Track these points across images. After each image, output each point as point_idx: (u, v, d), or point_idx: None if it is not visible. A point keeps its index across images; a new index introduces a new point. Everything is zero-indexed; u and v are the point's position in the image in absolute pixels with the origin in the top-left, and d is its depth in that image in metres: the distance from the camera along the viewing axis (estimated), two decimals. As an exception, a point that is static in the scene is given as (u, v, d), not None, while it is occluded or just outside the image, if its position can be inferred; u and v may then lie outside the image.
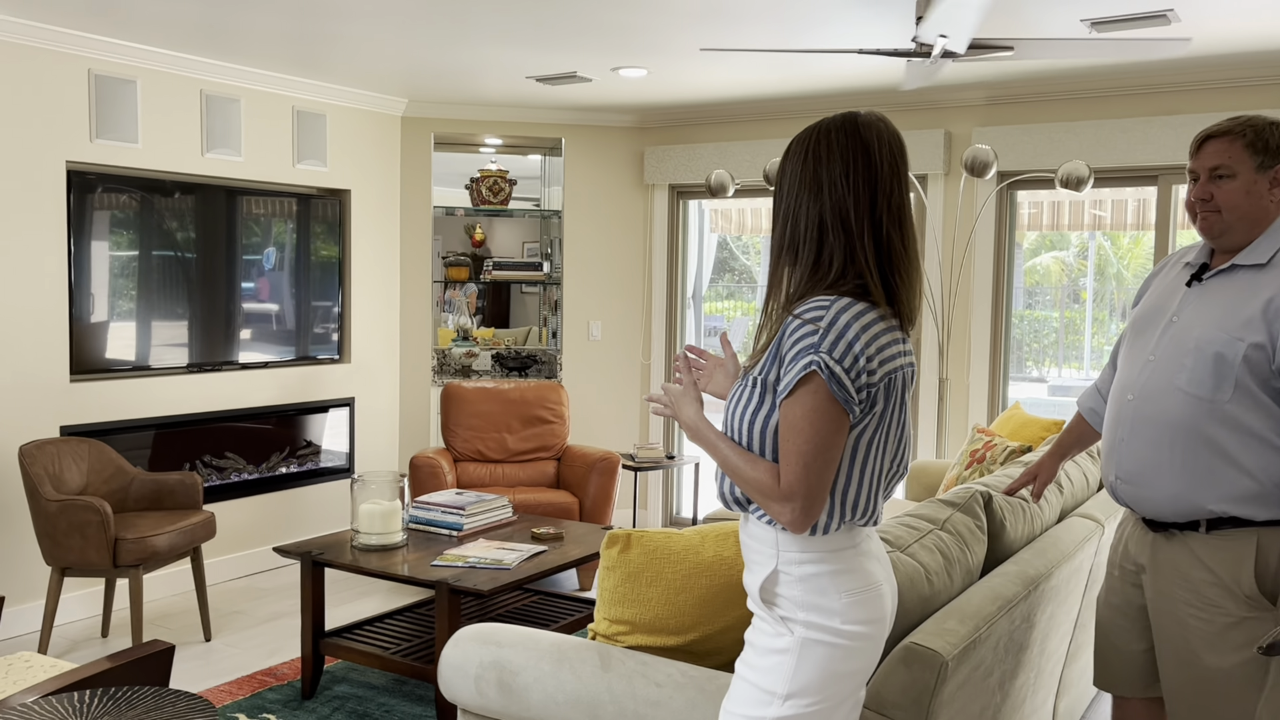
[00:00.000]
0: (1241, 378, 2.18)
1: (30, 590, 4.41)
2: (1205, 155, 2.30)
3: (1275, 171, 2.25)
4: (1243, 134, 2.26)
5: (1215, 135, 2.29)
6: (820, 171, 1.70)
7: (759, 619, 1.76)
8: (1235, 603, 2.20)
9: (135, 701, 2.16)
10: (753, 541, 1.76)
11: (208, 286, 5.10)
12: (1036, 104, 5.20)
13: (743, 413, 1.70)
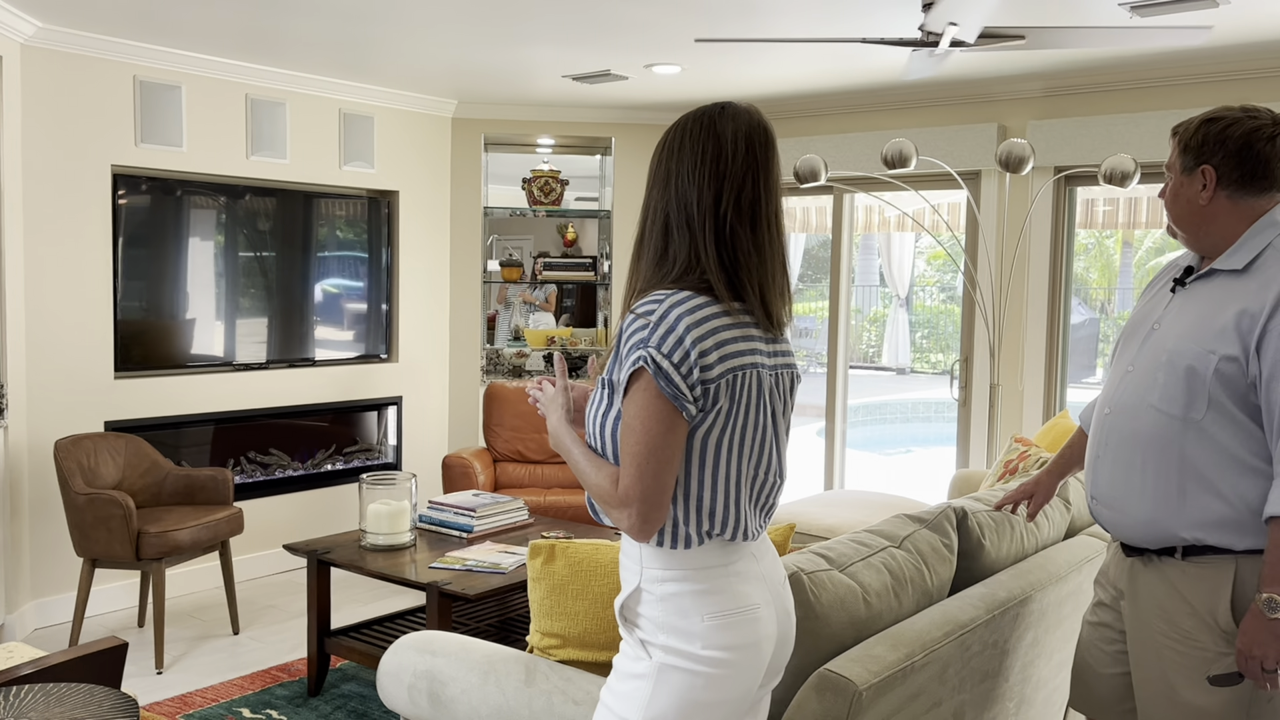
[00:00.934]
0: (1214, 393, 1.99)
1: (68, 581, 4.58)
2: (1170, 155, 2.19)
3: (1200, 172, 2.08)
4: (1177, 131, 2.14)
5: (1172, 133, 2.17)
6: (671, 165, 1.62)
7: (623, 641, 1.67)
8: (1212, 637, 2.02)
9: (65, 698, 2.19)
10: (624, 558, 1.68)
11: (252, 286, 5.22)
12: (1096, 95, 4.91)
13: (594, 416, 1.63)
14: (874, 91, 5.42)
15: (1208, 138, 2.07)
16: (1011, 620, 2.37)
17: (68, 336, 4.56)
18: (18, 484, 4.36)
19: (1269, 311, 1.96)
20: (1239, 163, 2.06)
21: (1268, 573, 1.93)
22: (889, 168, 4.20)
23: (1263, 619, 1.92)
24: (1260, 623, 1.93)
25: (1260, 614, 1.93)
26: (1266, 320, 1.96)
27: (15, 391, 4.33)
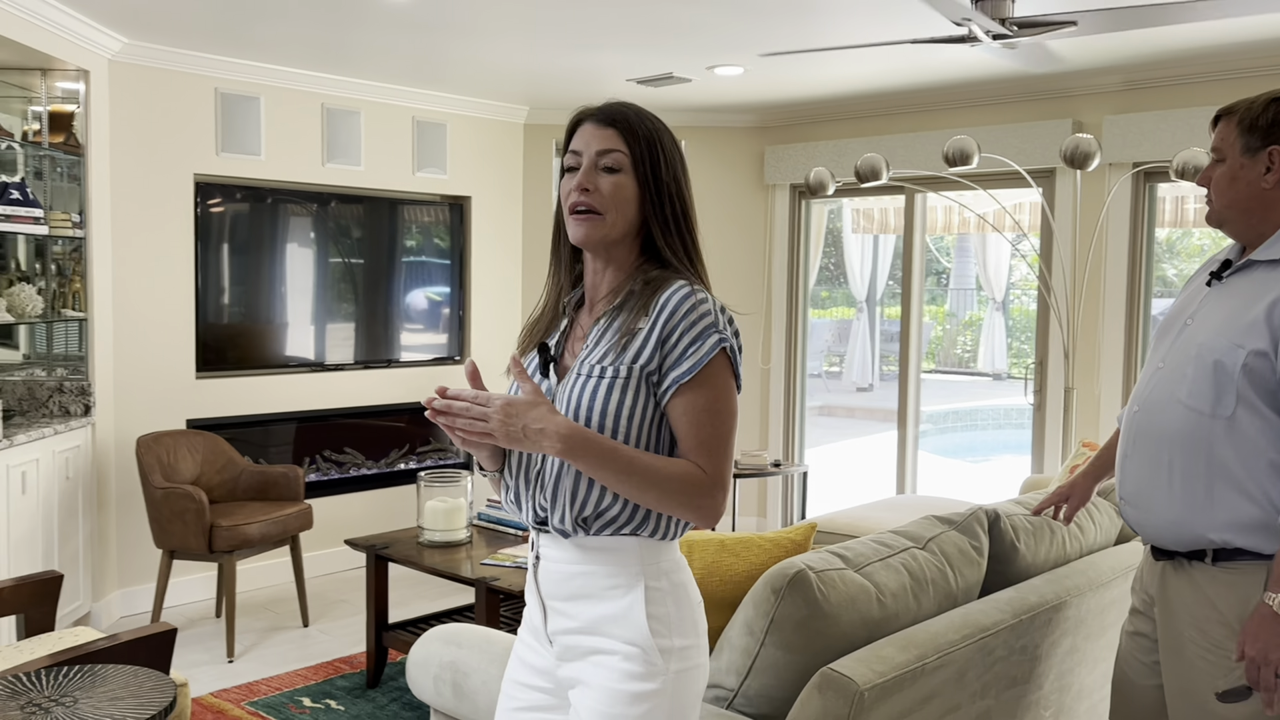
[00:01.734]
0: (1243, 389, 1.92)
1: (151, 571, 4.78)
2: (1215, 135, 2.08)
3: (1266, 155, 1.98)
4: (1236, 112, 2.02)
5: (1222, 114, 2.06)
6: (679, 160, 1.64)
7: (619, 662, 1.53)
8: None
9: (109, 678, 2.30)
10: (602, 566, 1.56)
11: (331, 290, 5.38)
12: (1177, 88, 4.74)
13: (615, 408, 1.54)
14: (944, 89, 5.32)
15: (1276, 117, 1.97)
16: (1043, 626, 2.31)
17: (152, 338, 4.77)
18: (105, 478, 4.58)
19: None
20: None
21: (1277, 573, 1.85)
22: (950, 166, 4.12)
23: (1273, 619, 1.83)
24: (1272, 626, 1.83)
25: (1272, 616, 1.83)
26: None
27: (102, 390, 4.55)
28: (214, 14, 4.08)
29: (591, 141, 1.61)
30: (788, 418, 6.23)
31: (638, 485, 1.50)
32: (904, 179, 5.39)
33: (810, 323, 14.09)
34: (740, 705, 2.04)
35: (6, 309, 4.21)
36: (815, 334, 13.74)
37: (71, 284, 4.59)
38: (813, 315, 13.85)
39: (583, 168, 1.60)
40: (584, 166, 1.60)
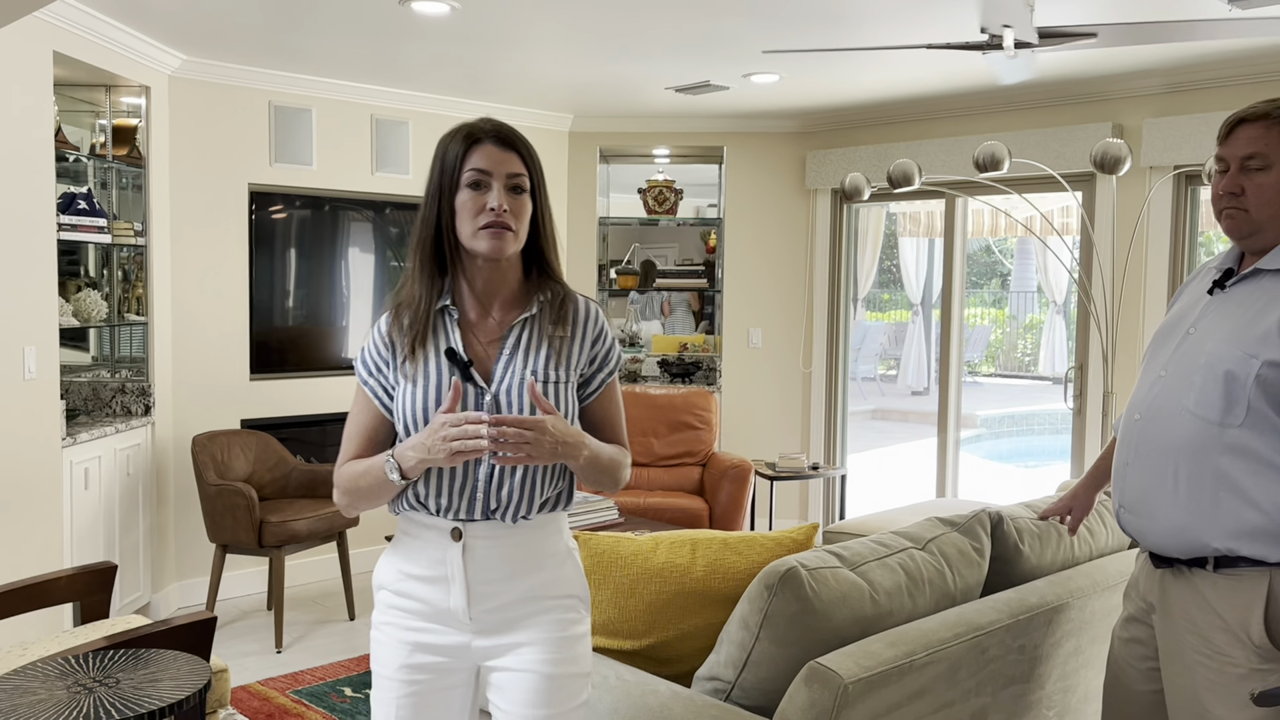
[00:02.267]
0: (1254, 400, 1.93)
1: (208, 565, 4.98)
2: (1237, 141, 2.02)
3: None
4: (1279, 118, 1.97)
5: (1250, 119, 2.01)
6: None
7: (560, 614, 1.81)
8: (1245, 652, 1.96)
9: (150, 661, 2.45)
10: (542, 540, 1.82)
11: (381, 294, 5.55)
12: (1217, 90, 4.69)
13: (570, 411, 1.82)
14: (983, 94, 5.32)
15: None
16: (1043, 626, 2.35)
17: (208, 341, 4.98)
18: (164, 475, 4.80)
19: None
20: None
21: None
22: (980, 171, 4.14)
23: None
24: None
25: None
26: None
27: (161, 391, 4.77)
28: (268, 30, 4.26)
29: (500, 163, 1.76)
30: (829, 422, 6.27)
31: (605, 470, 1.80)
32: (939, 184, 5.40)
33: (863, 326, 13.95)
34: (737, 698, 2.12)
35: (73, 313, 4.44)
36: (870, 337, 13.68)
37: (135, 289, 4.81)
38: (870, 318, 13.65)
39: (497, 188, 1.75)
40: (498, 187, 1.75)
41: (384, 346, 1.84)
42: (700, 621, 2.31)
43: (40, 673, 2.36)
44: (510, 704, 1.79)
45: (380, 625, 1.85)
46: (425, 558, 1.79)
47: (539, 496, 1.76)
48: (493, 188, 1.77)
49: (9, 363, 3.70)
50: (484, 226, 1.76)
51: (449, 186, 1.79)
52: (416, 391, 1.78)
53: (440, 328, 1.82)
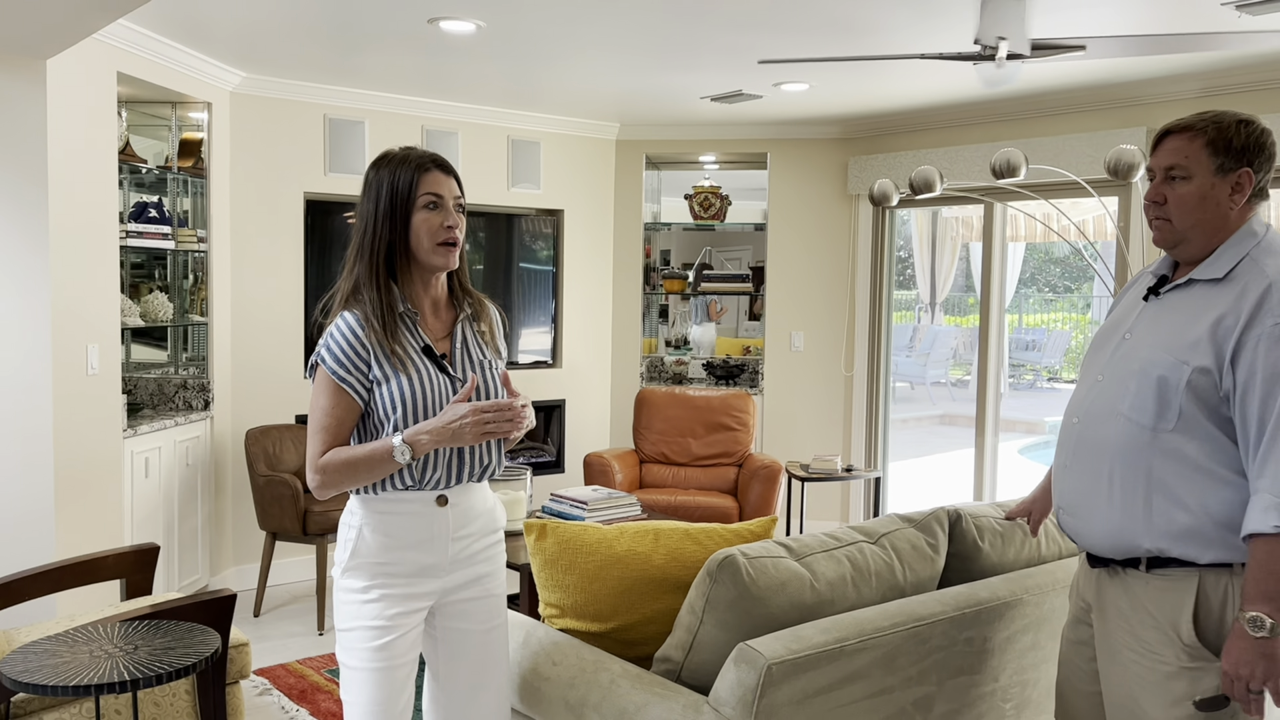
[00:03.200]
0: (1185, 405, 1.97)
1: (260, 552, 5.28)
2: (1162, 152, 2.06)
3: (1237, 176, 2.00)
4: (1204, 131, 2.01)
5: (1176, 130, 2.05)
6: None
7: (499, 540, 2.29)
8: (1175, 651, 2.00)
9: (169, 631, 2.70)
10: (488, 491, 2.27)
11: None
12: (1253, 94, 4.64)
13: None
14: (1019, 99, 5.33)
15: (1250, 140, 1.99)
16: (993, 621, 2.43)
17: (265, 341, 5.28)
18: (222, 467, 5.11)
19: (1245, 322, 1.92)
20: (1268, 169, 2.03)
21: (1250, 590, 1.89)
22: (997, 177, 4.18)
23: (1247, 638, 1.88)
24: (1245, 642, 1.88)
25: (1244, 633, 1.88)
26: (1242, 331, 1.92)
27: (220, 388, 5.08)
28: (321, 49, 4.53)
29: (448, 187, 2.09)
30: (870, 425, 6.32)
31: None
32: (964, 189, 5.43)
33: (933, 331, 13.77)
34: (685, 678, 2.26)
35: (140, 314, 4.77)
36: (940, 341, 13.55)
37: (199, 292, 5.14)
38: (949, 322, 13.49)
39: (449, 208, 2.08)
40: (450, 208, 2.08)
41: (361, 347, 2.08)
42: (662, 606, 2.45)
43: (70, 639, 2.62)
44: (476, 624, 2.22)
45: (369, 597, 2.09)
46: (411, 527, 2.11)
47: (501, 455, 2.21)
48: (447, 208, 2.08)
49: (73, 359, 4.02)
50: (441, 243, 2.08)
51: (402, 208, 2.07)
52: (404, 384, 2.07)
53: (404, 327, 2.11)
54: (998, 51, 3.18)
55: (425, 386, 2.08)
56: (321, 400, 2.08)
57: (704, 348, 6.72)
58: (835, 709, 2.15)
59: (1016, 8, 3.08)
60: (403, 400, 2.06)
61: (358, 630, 2.09)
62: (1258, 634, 1.86)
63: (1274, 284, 1.93)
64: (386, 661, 2.08)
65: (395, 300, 2.10)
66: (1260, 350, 1.90)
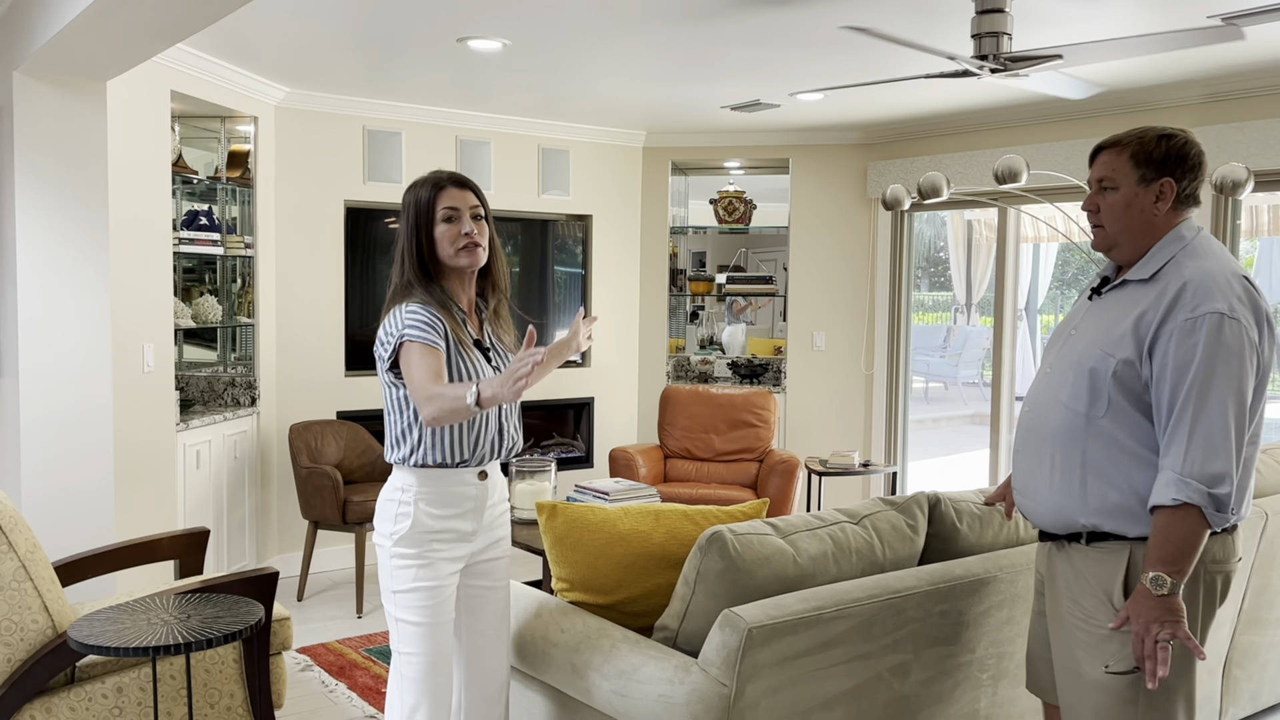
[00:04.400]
0: (1113, 394, 2.20)
1: (299, 542, 5.58)
2: (1095, 166, 2.31)
3: (1160, 185, 2.22)
4: (1129, 145, 2.25)
5: (1107, 146, 2.30)
6: None
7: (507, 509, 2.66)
8: (1108, 615, 2.21)
9: (216, 602, 2.97)
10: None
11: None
12: (1253, 100, 4.78)
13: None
14: (1032, 105, 5.49)
15: (1170, 152, 2.22)
16: (967, 596, 2.63)
17: (308, 341, 5.58)
18: (268, 460, 5.42)
19: (1161, 318, 2.14)
20: (1192, 178, 2.25)
21: (1151, 555, 2.11)
22: (1000, 183, 4.36)
23: (1151, 596, 2.09)
24: (1149, 600, 2.09)
25: (1148, 592, 2.09)
26: (1158, 326, 2.14)
27: (266, 385, 5.39)
28: (359, 65, 4.81)
29: (463, 200, 2.42)
30: (890, 421, 6.50)
31: None
32: (970, 194, 5.59)
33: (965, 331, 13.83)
34: (680, 644, 2.49)
35: (192, 316, 5.09)
36: (973, 342, 13.63)
37: (247, 295, 5.45)
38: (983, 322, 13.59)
39: (465, 217, 2.41)
40: (465, 217, 2.41)
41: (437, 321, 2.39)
42: (662, 581, 2.68)
43: (129, 609, 2.91)
44: (493, 580, 2.59)
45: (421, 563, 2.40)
46: (459, 499, 2.46)
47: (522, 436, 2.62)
48: (463, 218, 2.42)
49: (130, 358, 4.33)
50: (462, 247, 2.41)
51: (425, 222, 2.42)
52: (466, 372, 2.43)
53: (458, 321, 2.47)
54: (985, 68, 3.37)
55: (478, 374, 2.45)
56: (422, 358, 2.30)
57: (736, 348, 6.92)
58: (814, 671, 2.37)
59: (1000, 21, 3.27)
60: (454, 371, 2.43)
61: (417, 591, 2.40)
62: (1159, 591, 2.08)
63: (1188, 284, 2.15)
64: (443, 616, 2.43)
65: (447, 298, 2.45)
66: (1172, 343, 2.12)
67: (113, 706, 3.03)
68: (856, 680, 2.46)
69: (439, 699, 2.41)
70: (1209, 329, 2.09)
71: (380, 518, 2.46)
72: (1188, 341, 2.10)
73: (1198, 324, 2.10)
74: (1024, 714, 2.88)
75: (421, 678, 2.39)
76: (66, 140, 3.79)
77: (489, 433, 2.47)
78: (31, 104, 3.71)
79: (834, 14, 3.75)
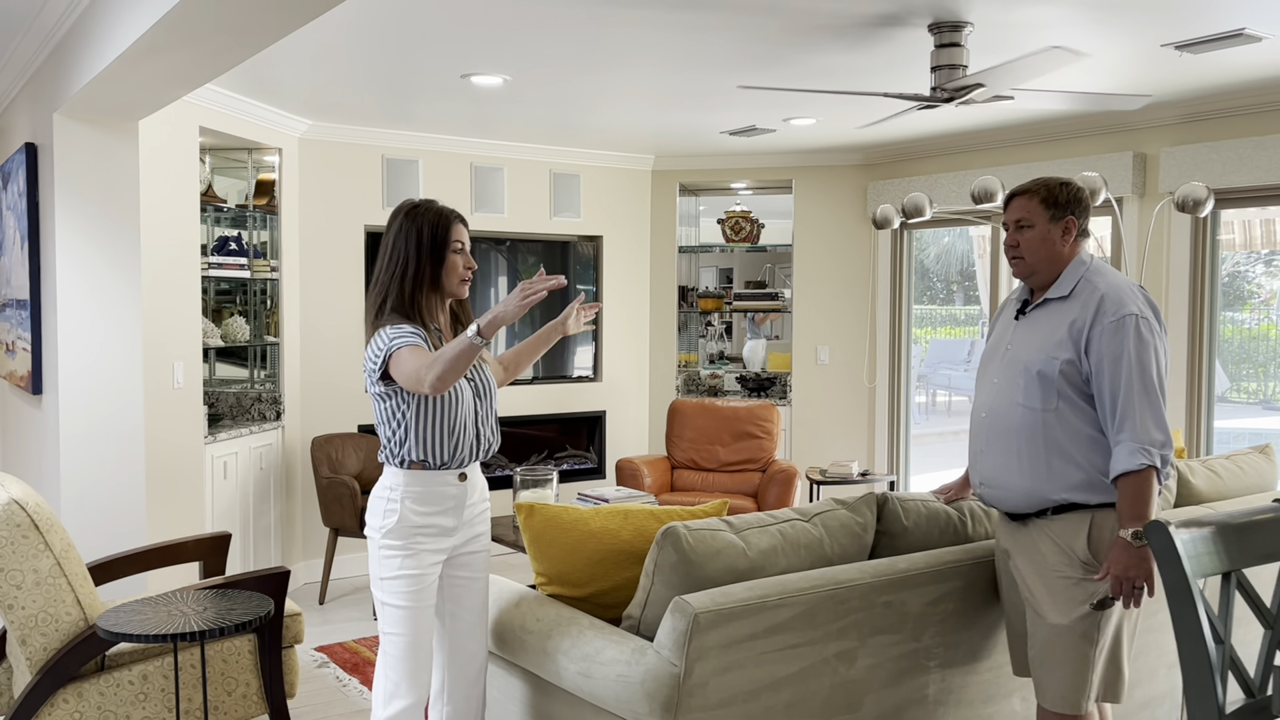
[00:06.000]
0: (1061, 388, 2.63)
1: (321, 549, 5.89)
2: (1011, 210, 2.77)
3: (1065, 222, 2.70)
4: (1038, 192, 2.71)
5: (1019, 194, 2.75)
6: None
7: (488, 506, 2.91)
8: (1073, 567, 2.65)
9: (232, 596, 3.26)
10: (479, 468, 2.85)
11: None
12: (1226, 120, 4.95)
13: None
14: (1021, 126, 5.69)
15: (1070, 196, 2.73)
16: (911, 588, 2.84)
17: (330, 359, 5.90)
18: (292, 470, 5.73)
19: (1090, 322, 2.63)
20: (1086, 216, 2.75)
21: (1125, 514, 2.56)
22: (976, 203, 4.57)
23: (1130, 548, 2.53)
24: (1128, 551, 2.53)
25: (1127, 545, 2.53)
26: (1089, 328, 2.62)
27: (290, 400, 5.71)
28: (377, 99, 5.13)
29: (467, 237, 2.76)
30: (891, 433, 6.69)
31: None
32: (954, 213, 5.80)
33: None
34: (643, 630, 2.73)
35: (221, 336, 5.42)
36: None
37: (273, 316, 5.78)
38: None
39: (468, 253, 2.75)
40: (468, 253, 2.75)
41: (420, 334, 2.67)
42: (630, 575, 2.93)
43: (153, 602, 3.20)
44: (474, 571, 2.86)
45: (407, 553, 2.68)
46: (441, 497, 2.72)
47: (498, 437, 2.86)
48: (468, 253, 2.76)
49: (161, 375, 4.66)
50: (464, 280, 2.77)
51: (437, 252, 2.70)
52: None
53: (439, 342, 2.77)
54: (941, 97, 3.61)
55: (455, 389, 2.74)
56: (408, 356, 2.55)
57: (757, 362, 7.15)
58: (760, 654, 2.60)
59: (957, 54, 3.51)
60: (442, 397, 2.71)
61: (401, 579, 2.68)
62: (1137, 544, 2.51)
63: (1105, 295, 2.63)
64: (424, 601, 2.70)
65: (426, 320, 2.74)
66: (1103, 341, 2.60)
67: (138, 692, 3.32)
68: (803, 664, 2.68)
69: (419, 676, 2.68)
70: (1131, 328, 2.58)
71: (371, 513, 2.74)
72: (1116, 339, 2.57)
73: (1121, 324, 2.58)
74: (973, 700, 3.08)
75: (403, 655, 2.66)
76: (102, 175, 4.13)
77: (467, 438, 2.73)
78: (70, 143, 4.06)
79: (807, 55, 4.00)
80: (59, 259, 4.05)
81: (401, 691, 2.67)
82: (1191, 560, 1.70)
